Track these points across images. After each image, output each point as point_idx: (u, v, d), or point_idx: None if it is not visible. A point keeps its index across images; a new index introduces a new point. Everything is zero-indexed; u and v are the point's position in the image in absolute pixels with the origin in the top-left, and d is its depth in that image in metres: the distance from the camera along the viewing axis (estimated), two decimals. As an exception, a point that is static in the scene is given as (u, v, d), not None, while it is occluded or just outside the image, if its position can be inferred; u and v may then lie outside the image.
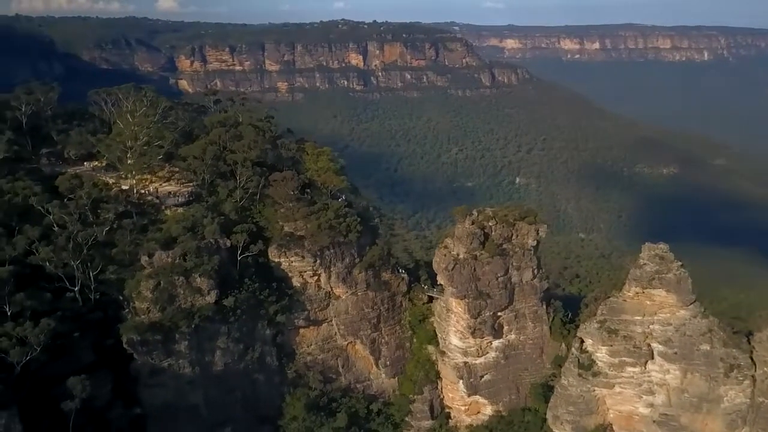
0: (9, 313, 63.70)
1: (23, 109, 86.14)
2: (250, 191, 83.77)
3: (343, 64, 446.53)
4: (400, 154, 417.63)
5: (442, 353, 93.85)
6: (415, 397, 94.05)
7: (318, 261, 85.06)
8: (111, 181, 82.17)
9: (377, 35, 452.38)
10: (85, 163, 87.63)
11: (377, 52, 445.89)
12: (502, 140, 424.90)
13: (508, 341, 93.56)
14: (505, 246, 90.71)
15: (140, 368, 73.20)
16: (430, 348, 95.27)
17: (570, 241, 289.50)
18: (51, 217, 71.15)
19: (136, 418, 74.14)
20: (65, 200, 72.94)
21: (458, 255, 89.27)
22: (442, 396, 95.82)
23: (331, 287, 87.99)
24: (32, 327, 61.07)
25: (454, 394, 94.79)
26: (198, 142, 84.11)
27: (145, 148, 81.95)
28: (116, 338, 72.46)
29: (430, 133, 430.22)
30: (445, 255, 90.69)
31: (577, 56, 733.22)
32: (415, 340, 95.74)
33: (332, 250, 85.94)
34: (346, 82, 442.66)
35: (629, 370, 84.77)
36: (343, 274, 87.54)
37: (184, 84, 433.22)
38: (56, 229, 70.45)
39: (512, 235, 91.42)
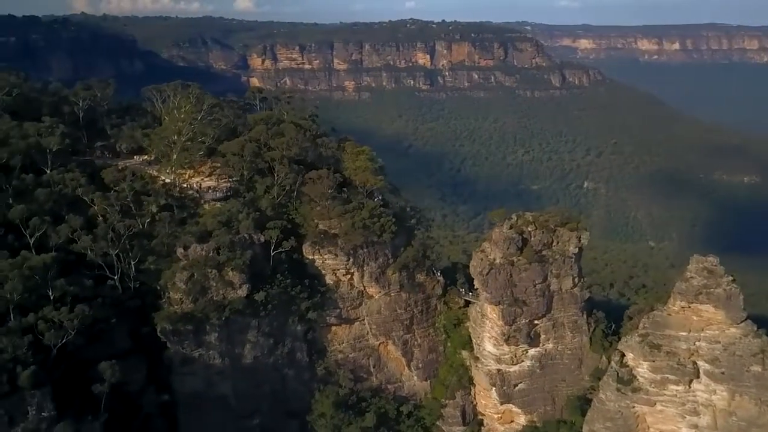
0: (52, 298, 67.21)
1: (80, 104, 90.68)
2: (287, 188, 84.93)
3: (410, 64, 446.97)
4: (464, 154, 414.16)
5: (476, 359, 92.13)
6: (447, 401, 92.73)
7: (351, 259, 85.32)
8: (156, 174, 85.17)
9: (445, 35, 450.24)
10: (135, 157, 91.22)
11: (445, 51, 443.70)
12: (570, 143, 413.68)
13: (545, 350, 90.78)
14: (544, 252, 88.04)
15: (173, 356, 75.66)
16: (464, 353, 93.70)
17: (638, 249, 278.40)
18: (95, 207, 74.61)
19: (168, 405, 76.98)
20: (110, 192, 76.24)
21: (494, 260, 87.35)
22: (475, 402, 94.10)
23: (364, 286, 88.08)
24: (68, 312, 63.98)
25: (487, 402, 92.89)
26: (237, 139, 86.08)
27: (187, 143, 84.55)
28: (152, 326, 75.20)
29: (495, 133, 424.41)
30: (481, 259, 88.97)
31: (655, 57, 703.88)
32: (449, 344, 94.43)
33: (366, 250, 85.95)
34: (412, 82, 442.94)
35: (672, 388, 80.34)
36: (376, 273, 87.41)
37: (255, 82, 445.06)
38: (99, 219, 73.63)
39: (552, 241, 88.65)
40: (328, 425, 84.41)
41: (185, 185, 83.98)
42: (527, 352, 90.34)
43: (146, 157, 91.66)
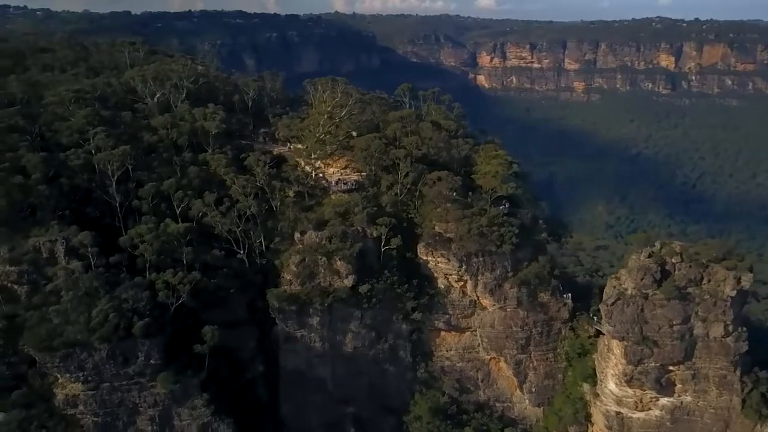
0: (185, 263, 76.90)
1: (250, 94, 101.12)
2: (409, 186, 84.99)
3: (651, 66, 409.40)
4: (703, 168, 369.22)
5: (597, 395, 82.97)
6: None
7: (464, 266, 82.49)
8: (300, 162, 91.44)
9: (696, 34, 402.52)
10: (290, 145, 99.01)
11: (693, 53, 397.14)
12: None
13: (681, 403, 78.29)
14: (689, 290, 75.72)
15: (279, 333, 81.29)
16: (586, 386, 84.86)
17: None
18: (234, 187, 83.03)
19: (272, 378, 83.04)
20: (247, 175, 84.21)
21: (626, 290, 77.53)
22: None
23: (477, 296, 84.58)
24: (182, 277, 72.64)
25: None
26: (366, 135, 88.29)
27: (327, 136, 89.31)
28: (266, 302, 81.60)
29: (746, 147, 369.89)
30: (614, 287, 79.64)
31: None
32: (569, 373, 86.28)
33: (481, 258, 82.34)
34: (650, 85, 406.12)
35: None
36: (491, 285, 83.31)
37: (481, 79, 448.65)
38: (231, 198, 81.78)
39: (702, 278, 75.77)
40: (422, 429, 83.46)
41: (321, 175, 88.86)
42: (657, 400, 78.84)
43: (300, 146, 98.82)
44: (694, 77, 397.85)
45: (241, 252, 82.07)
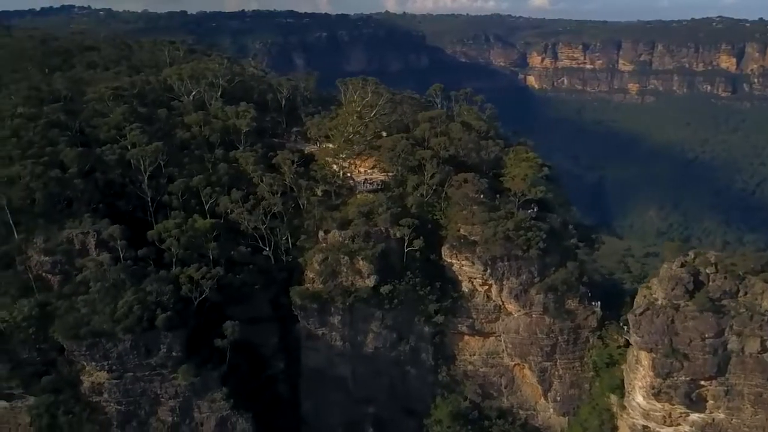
0: (211, 258, 78.33)
1: (283, 93, 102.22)
2: (435, 187, 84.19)
3: (710, 67, 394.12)
4: (764, 174, 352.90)
5: (624, 408, 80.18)
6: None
7: (488, 270, 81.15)
8: (330, 161, 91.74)
9: (761, 35, 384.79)
10: (319, 144, 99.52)
11: (756, 54, 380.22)
12: None
13: (712, 420, 74.83)
14: (724, 302, 72.35)
15: (301, 330, 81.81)
16: (613, 397, 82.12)
17: None
18: (261, 185, 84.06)
19: (294, 375, 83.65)
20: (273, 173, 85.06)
21: (656, 300, 74.68)
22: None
23: (502, 301, 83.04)
24: (205, 272, 73.94)
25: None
26: (392, 136, 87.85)
27: (355, 136, 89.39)
28: (289, 299, 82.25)
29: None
30: (644, 296, 76.90)
31: None
32: (597, 383, 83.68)
33: (506, 263, 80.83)
34: (709, 87, 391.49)
35: None
36: (516, 290, 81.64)
37: (531, 80, 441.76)
38: (256, 195, 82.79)
39: (738, 290, 72.26)
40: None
41: (348, 174, 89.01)
42: (687, 416, 75.60)
43: (331, 145, 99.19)
44: (756, 80, 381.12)
45: (267, 249, 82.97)
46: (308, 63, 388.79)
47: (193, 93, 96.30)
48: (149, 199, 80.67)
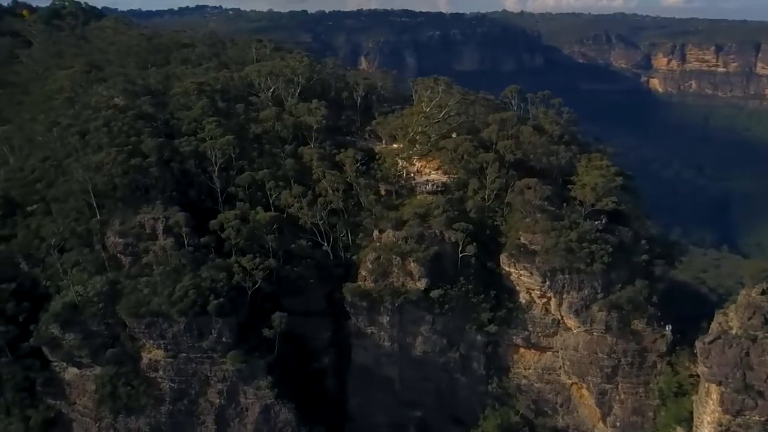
0: (270, 250, 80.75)
1: (359, 91, 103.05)
2: (497, 192, 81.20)
3: None
4: None
5: (689, 443, 73.24)
6: (644, 479, 76.62)
7: (548, 282, 77.01)
8: (394, 161, 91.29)
9: None
10: (386, 143, 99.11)
11: None
12: None
13: (790, 468, 66.33)
14: (811, 337, 63.80)
15: (351, 327, 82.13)
16: (680, 430, 75.10)
17: None
18: (322, 182, 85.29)
19: (343, 371, 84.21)
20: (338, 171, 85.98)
21: (730, 329, 67.42)
22: (679, 494, 75.18)
23: (561, 316, 78.53)
24: (258, 263, 76.12)
25: (695, 501, 73.18)
26: (456, 138, 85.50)
27: (420, 136, 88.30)
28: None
29: None
30: (719, 323, 69.71)
31: None
32: (662, 413, 76.86)
33: (567, 276, 76.27)
34: None
35: None
36: (577, 305, 76.88)
37: (654, 83, 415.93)
38: (314, 191, 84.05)
39: (831, 325, 63.46)
40: (490, 448, 79.71)
41: (411, 175, 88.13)
42: (763, 460, 67.54)
43: (396, 144, 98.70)
44: None
45: (326, 244, 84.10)
46: (419, 62, 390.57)
47: (272, 89, 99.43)
48: (219, 189, 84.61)
